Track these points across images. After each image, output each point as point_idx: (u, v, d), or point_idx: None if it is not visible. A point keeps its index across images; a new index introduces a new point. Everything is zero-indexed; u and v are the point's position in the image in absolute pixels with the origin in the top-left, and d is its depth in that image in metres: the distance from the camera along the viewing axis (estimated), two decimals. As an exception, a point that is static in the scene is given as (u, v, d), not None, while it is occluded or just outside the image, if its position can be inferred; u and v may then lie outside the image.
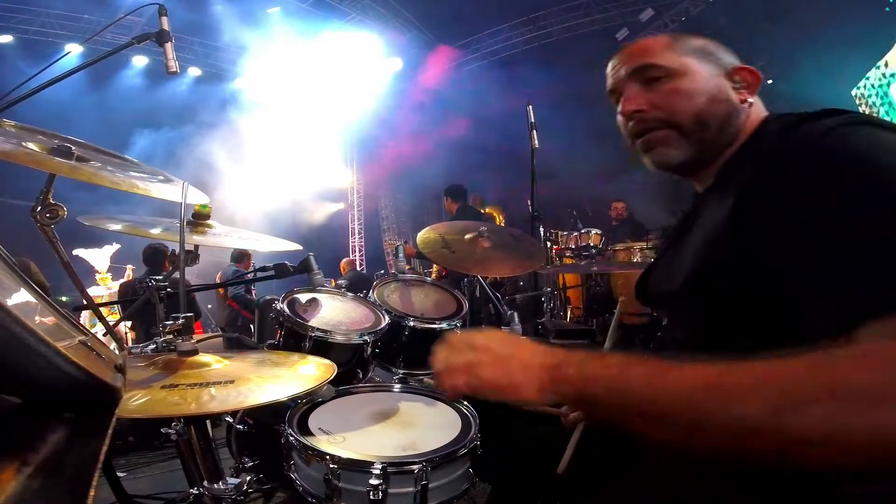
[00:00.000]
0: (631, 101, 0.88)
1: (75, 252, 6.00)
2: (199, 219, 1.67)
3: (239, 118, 9.15)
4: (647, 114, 0.87)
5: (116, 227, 1.65)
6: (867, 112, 6.33)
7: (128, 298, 4.09)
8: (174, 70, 1.59)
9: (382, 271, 2.14)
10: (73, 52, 6.48)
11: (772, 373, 0.51)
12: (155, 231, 1.62)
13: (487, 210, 6.42)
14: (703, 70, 0.87)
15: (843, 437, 0.46)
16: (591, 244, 4.49)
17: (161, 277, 1.63)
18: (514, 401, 0.65)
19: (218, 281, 5.14)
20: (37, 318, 0.44)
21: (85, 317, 4.31)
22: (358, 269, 9.91)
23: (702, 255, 0.79)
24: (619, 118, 0.94)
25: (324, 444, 1.15)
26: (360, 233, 12.15)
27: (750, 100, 0.86)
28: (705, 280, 0.77)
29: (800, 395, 0.48)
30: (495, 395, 0.67)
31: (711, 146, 0.86)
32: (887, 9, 6.29)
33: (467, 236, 2.07)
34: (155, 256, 4.25)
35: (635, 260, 4.53)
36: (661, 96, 0.86)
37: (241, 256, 5.74)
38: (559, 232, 4.75)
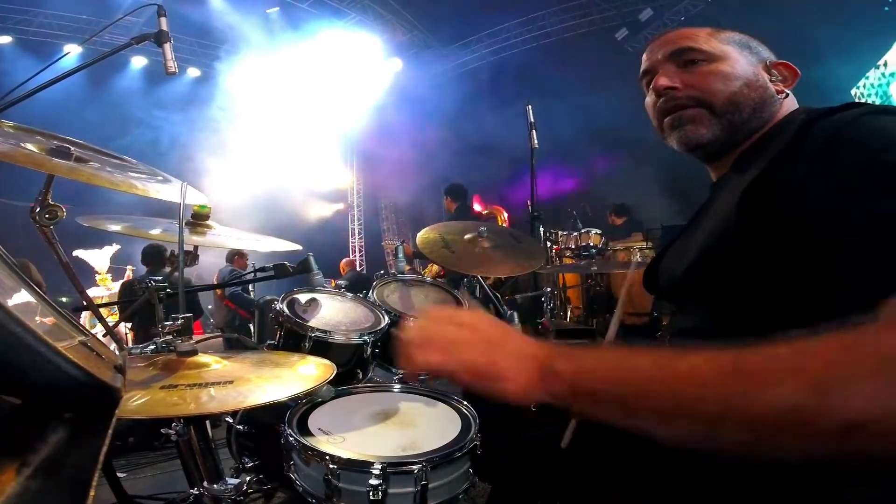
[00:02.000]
0: (665, 77, 0.88)
1: (75, 253, 6.00)
2: (198, 219, 1.67)
3: (238, 119, 9.15)
4: (679, 91, 0.87)
5: (116, 227, 1.65)
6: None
7: (126, 299, 4.08)
8: (173, 70, 1.59)
9: (382, 271, 2.14)
10: (72, 52, 6.47)
11: (805, 351, 0.45)
12: (154, 232, 1.62)
13: (488, 211, 6.41)
14: (742, 58, 0.88)
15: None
16: (591, 244, 4.49)
17: (161, 277, 1.63)
18: (492, 392, 0.56)
19: (214, 281, 5.13)
20: (37, 318, 0.44)
21: (85, 317, 4.31)
22: (358, 269, 9.90)
23: (713, 237, 0.77)
24: (649, 98, 0.93)
25: (323, 444, 1.15)
26: (360, 233, 12.15)
27: (787, 91, 0.87)
28: (714, 263, 0.76)
29: (843, 372, 0.42)
30: (472, 382, 0.58)
31: (740, 130, 0.86)
32: (886, 8, 6.29)
33: (467, 236, 2.07)
34: (156, 256, 4.25)
35: (635, 260, 4.53)
36: (696, 77, 0.87)
37: (234, 256, 5.73)
38: (559, 232, 4.74)
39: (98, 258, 6.47)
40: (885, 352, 0.41)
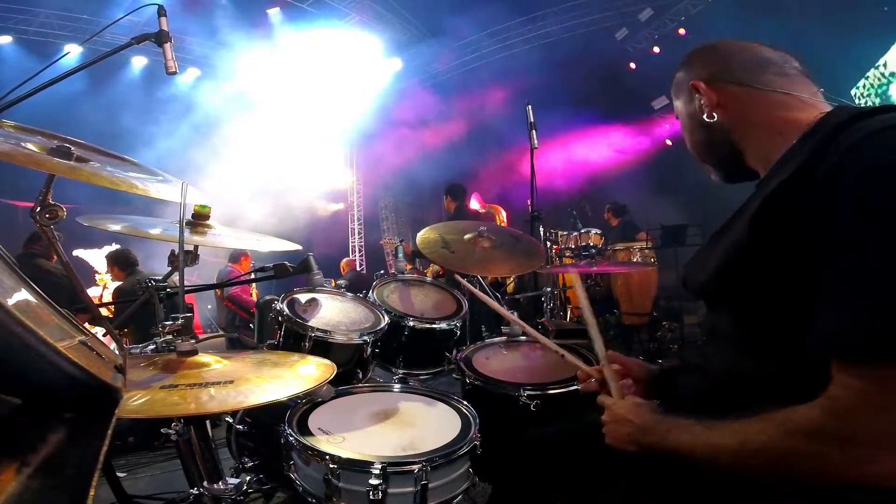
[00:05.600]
0: None
1: (75, 253, 6.00)
2: (198, 219, 1.67)
3: (239, 119, 9.14)
4: None
5: (115, 227, 1.65)
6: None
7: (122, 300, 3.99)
8: (173, 70, 1.59)
9: (382, 271, 2.14)
10: (73, 52, 6.47)
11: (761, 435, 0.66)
12: (154, 231, 1.61)
13: (487, 209, 6.40)
14: (680, 107, 0.93)
15: (835, 474, 0.60)
16: (591, 244, 4.48)
17: (160, 278, 1.63)
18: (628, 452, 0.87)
19: (216, 281, 5.11)
20: (37, 318, 0.44)
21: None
22: (358, 269, 9.89)
23: (731, 249, 0.77)
24: None
25: (323, 444, 1.16)
26: (360, 233, 12.13)
27: (718, 113, 0.84)
28: (730, 272, 0.76)
29: (789, 455, 0.64)
30: (624, 449, 0.88)
31: (729, 159, 0.89)
32: (885, 8, 6.28)
33: (467, 236, 2.07)
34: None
35: (635, 260, 4.53)
36: None
37: (237, 256, 5.70)
38: (559, 232, 4.74)
39: (98, 258, 6.47)
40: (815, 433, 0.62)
